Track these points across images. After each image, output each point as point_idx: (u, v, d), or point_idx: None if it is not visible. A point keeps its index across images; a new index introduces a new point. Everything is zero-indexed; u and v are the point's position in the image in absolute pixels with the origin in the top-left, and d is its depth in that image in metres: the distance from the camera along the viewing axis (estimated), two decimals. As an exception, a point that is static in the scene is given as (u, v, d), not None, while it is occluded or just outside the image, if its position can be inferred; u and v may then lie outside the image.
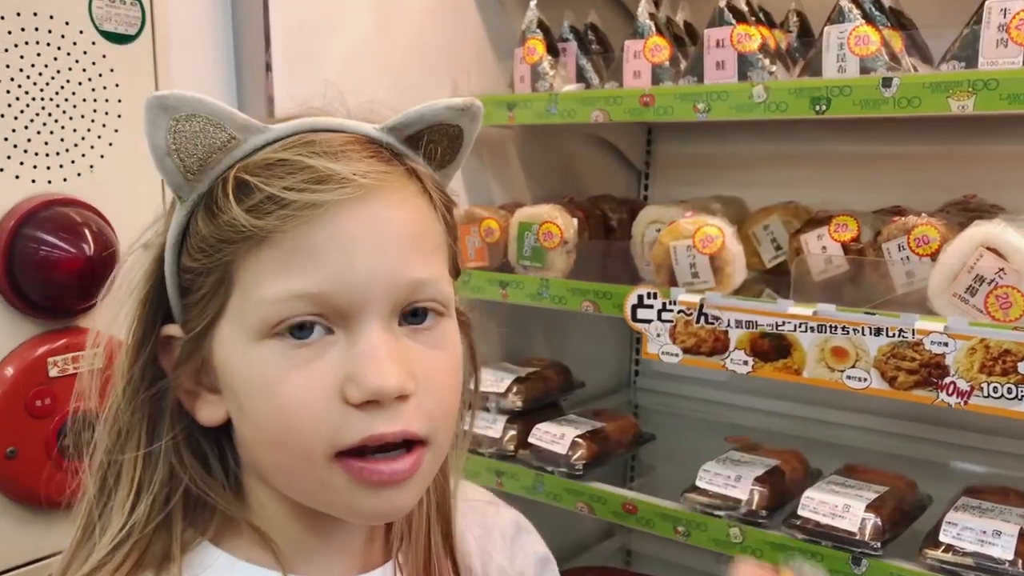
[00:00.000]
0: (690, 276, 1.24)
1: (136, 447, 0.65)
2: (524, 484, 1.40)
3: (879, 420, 1.58)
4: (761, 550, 1.18)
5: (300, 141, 0.62)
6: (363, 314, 0.60)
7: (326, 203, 0.59)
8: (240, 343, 0.61)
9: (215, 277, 0.62)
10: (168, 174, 0.61)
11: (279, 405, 0.60)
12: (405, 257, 0.61)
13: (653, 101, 1.25)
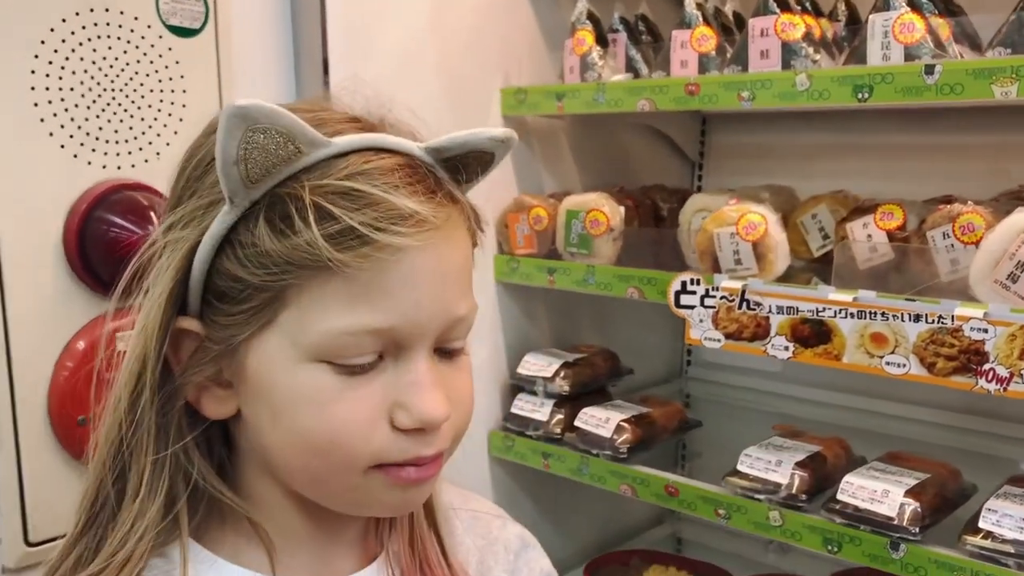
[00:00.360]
0: (733, 263, 1.26)
1: (147, 452, 0.66)
2: (569, 466, 1.43)
3: (932, 412, 1.56)
4: (800, 533, 1.19)
5: (363, 162, 0.62)
6: (416, 345, 0.63)
7: (407, 246, 0.60)
8: (289, 359, 0.63)
9: (269, 293, 0.62)
10: (229, 181, 0.61)
11: (329, 423, 0.62)
12: (457, 296, 0.65)
13: (698, 90, 1.27)
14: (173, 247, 0.65)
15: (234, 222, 0.63)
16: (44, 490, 1.08)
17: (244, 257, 0.62)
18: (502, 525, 0.84)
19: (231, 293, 0.63)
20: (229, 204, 0.62)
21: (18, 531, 1.07)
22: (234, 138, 0.59)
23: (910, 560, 1.10)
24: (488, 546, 0.81)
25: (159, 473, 0.66)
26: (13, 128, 1.01)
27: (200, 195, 0.65)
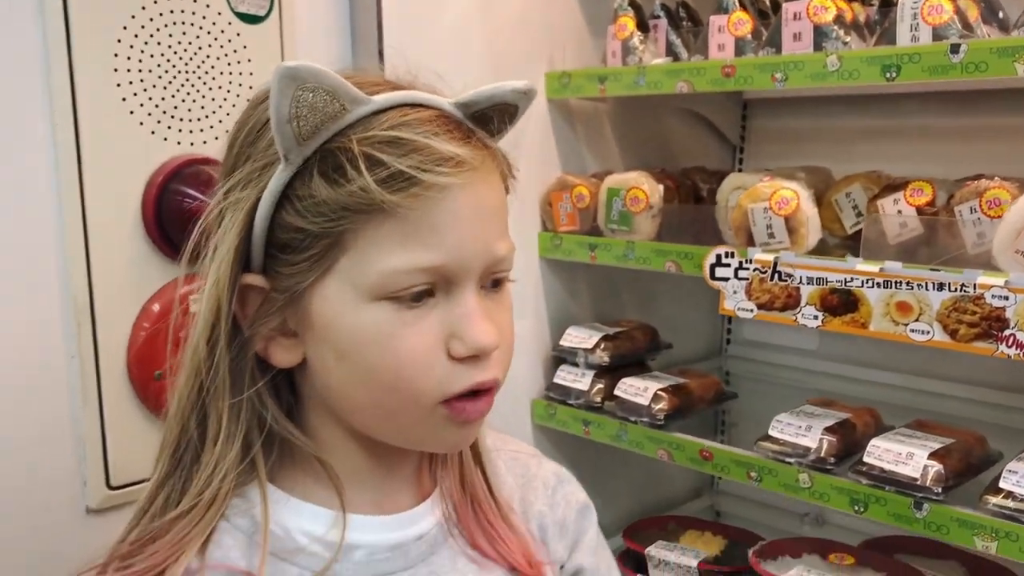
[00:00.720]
0: (766, 237, 1.31)
1: (229, 394, 0.72)
2: (609, 432, 1.50)
3: (964, 387, 1.60)
4: (828, 495, 1.25)
5: (402, 116, 0.69)
6: (464, 281, 0.70)
7: (449, 185, 0.67)
8: (350, 301, 0.69)
9: (330, 240, 0.68)
10: (284, 139, 0.67)
11: (394, 358, 0.69)
12: (495, 235, 0.72)
13: (734, 72, 1.33)
14: (234, 208, 0.71)
15: (290, 178, 0.69)
16: (123, 439, 1.17)
17: (303, 208, 0.68)
18: (539, 463, 0.91)
19: (293, 243, 0.69)
20: (284, 162, 0.68)
21: (100, 475, 1.16)
22: (286, 97, 0.65)
23: (933, 519, 1.15)
24: (528, 483, 0.88)
25: (236, 417, 0.73)
26: (99, 107, 1.11)
27: (254, 159, 0.71)
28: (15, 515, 1.11)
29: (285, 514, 0.75)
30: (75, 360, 1.13)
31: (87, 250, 1.13)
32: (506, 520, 0.83)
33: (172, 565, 0.70)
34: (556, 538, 0.88)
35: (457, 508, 0.82)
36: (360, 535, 0.75)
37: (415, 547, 0.78)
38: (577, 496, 0.92)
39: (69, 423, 1.14)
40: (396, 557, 0.76)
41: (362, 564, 0.75)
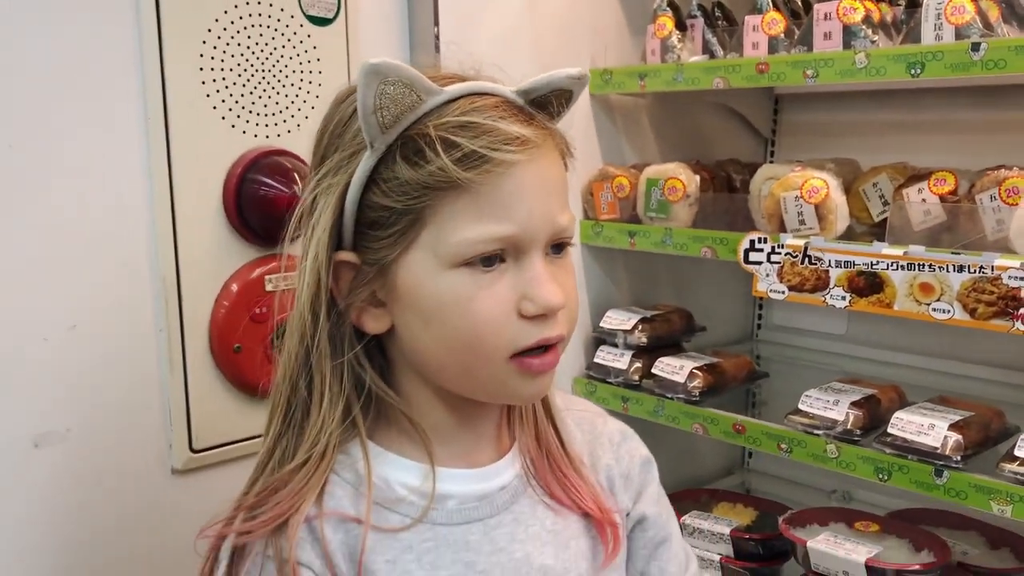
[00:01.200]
0: (797, 223, 1.40)
1: (330, 356, 0.80)
2: (647, 409, 1.60)
3: (987, 369, 1.67)
4: (854, 464, 1.33)
5: (471, 104, 0.77)
6: (532, 249, 0.78)
7: (517, 161, 0.76)
8: (431, 269, 0.77)
9: (412, 216, 0.76)
10: (369, 128, 0.75)
11: (472, 318, 0.77)
12: (557, 205, 0.80)
13: (768, 68, 1.42)
14: (327, 192, 0.79)
15: (375, 163, 0.77)
16: (205, 405, 1.29)
17: (388, 189, 0.77)
18: (604, 422, 1.01)
19: (380, 221, 0.78)
20: (370, 149, 0.77)
21: (184, 439, 1.28)
22: (371, 90, 0.74)
23: (952, 485, 1.23)
24: (595, 439, 0.97)
25: (338, 379, 0.81)
26: (186, 103, 1.22)
27: (342, 149, 0.80)
28: (108, 474, 1.23)
29: (384, 468, 0.83)
30: (163, 333, 1.24)
31: (175, 234, 1.24)
32: (578, 472, 0.92)
33: (294, 514, 0.78)
34: (622, 489, 0.97)
35: (534, 462, 0.91)
36: (451, 486, 0.84)
37: (499, 496, 0.86)
38: (640, 451, 1.01)
39: (157, 391, 1.26)
40: (483, 506, 0.85)
41: (454, 511, 0.84)
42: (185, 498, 1.30)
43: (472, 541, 0.84)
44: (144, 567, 1.27)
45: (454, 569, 0.82)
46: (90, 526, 1.21)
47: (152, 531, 1.28)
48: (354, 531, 0.80)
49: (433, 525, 0.83)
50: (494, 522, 0.86)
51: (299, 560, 0.78)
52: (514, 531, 0.87)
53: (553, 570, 0.87)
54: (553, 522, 0.89)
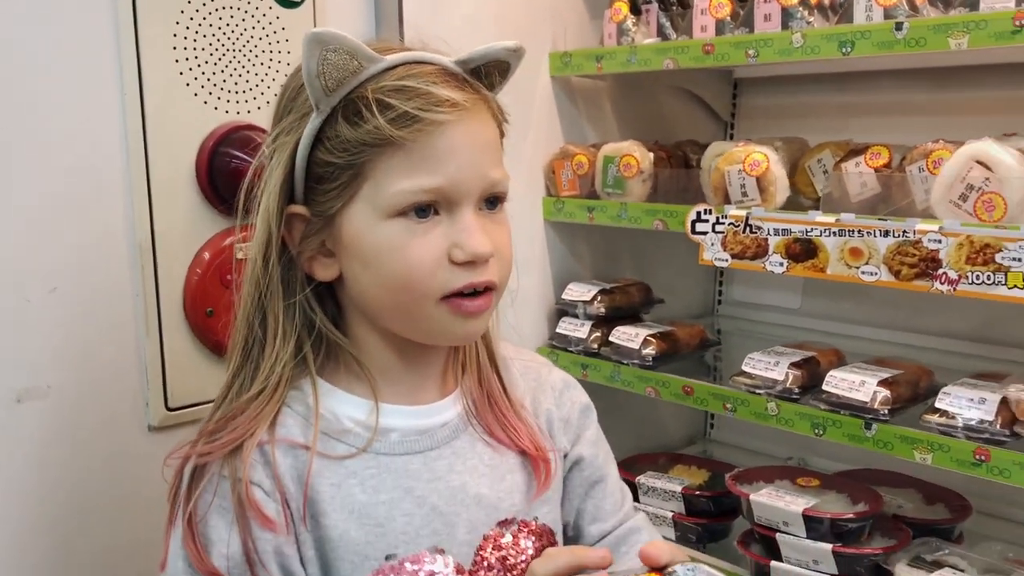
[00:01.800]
0: (740, 195, 1.48)
1: (280, 298, 0.90)
2: (604, 374, 1.68)
3: (940, 340, 1.75)
4: (792, 420, 1.42)
5: (410, 72, 0.86)
6: (463, 202, 0.87)
7: (444, 122, 0.84)
8: (371, 220, 0.86)
9: (353, 171, 0.86)
10: (314, 91, 0.84)
11: (406, 262, 0.86)
12: (488, 162, 0.90)
13: (713, 49, 1.50)
14: (280, 150, 0.89)
15: (321, 124, 0.86)
16: (180, 366, 1.36)
17: (332, 147, 0.86)
18: (549, 371, 1.09)
19: (325, 176, 0.87)
20: (316, 110, 0.86)
21: (160, 398, 1.35)
22: (313, 56, 0.83)
23: (880, 437, 1.32)
24: (539, 387, 1.06)
25: (290, 318, 0.91)
26: (161, 79, 1.29)
27: (295, 112, 0.89)
28: (87, 430, 1.30)
29: (333, 402, 0.92)
30: (139, 297, 1.32)
31: (150, 204, 1.31)
32: (517, 414, 1.01)
33: (248, 438, 0.87)
34: (561, 432, 1.06)
35: (476, 403, 1.00)
36: (394, 420, 0.93)
37: (440, 432, 0.95)
38: (581, 398, 1.10)
39: (134, 352, 1.33)
40: (424, 439, 0.94)
41: (396, 443, 0.92)
42: (161, 453, 1.36)
43: (412, 470, 0.92)
44: (121, 518, 1.35)
45: (394, 494, 0.91)
46: (69, 479, 1.29)
47: (129, 484, 1.35)
48: (302, 457, 0.88)
49: (376, 455, 0.91)
50: (434, 455, 0.94)
51: (251, 479, 0.86)
52: (452, 463, 0.95)
53: (487, 499, 0.96)
54: (491, 457, 0.98)
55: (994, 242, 1.18)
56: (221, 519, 0.85)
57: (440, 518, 0.92)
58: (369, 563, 0.88)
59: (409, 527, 0.90)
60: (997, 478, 1.21)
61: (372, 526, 0.89)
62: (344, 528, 0.88)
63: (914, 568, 1.31)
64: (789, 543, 1.41)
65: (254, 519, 0.85)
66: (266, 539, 0.85)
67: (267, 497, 0.86)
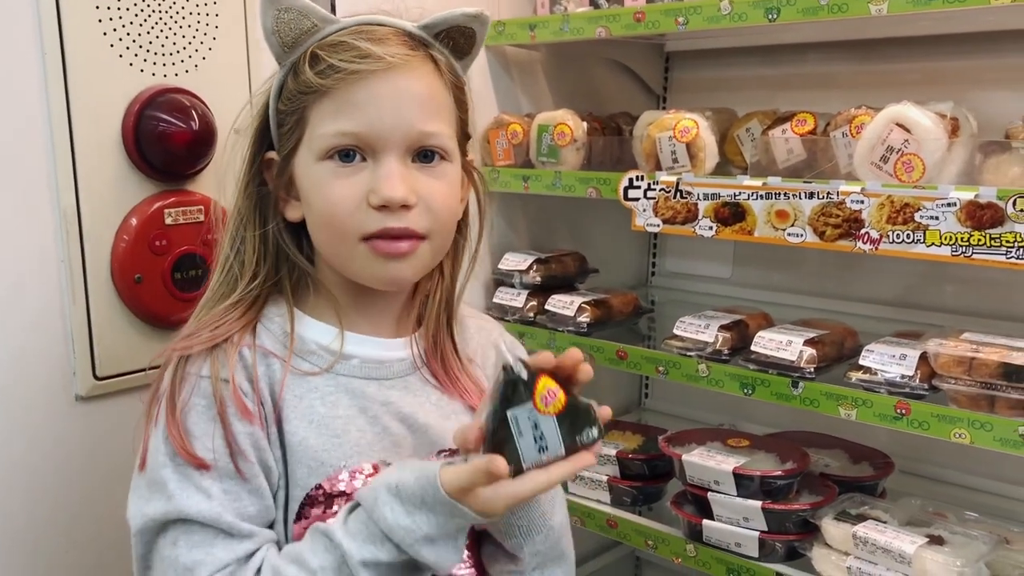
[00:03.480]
0: (671, 161, 1.51)
1: (255, 226, 0.99)
2: (540, 342, 1.69)
3: (867, 306, 1.80)
4: (722, 381, 1.45)
5: (357, 30, 0.94)
6: (386, 150, 0.93)
7: (364, 71, 0.91)
8: (308, 162, 0.95)
9: (296, 117, 0.95)
10: (272, 47, 0.95)
11: (328, 201, 0.93)
12: (416, 114, 0.94)
13: (644, 17, 1.51)
14: (257, 100, 1.00)
15: (283, 78, 0.96)
16: (108, 334, 1.34)
17: (284, 97, 0.96)
18: (500, 334, 1.15)
19: (282, 122, 0.97)
20: (279, 65, 0.96)
21: (88, 367, 1.33)
22: (267, 15, 0.93)
23: (806, 395, 1.35)
24: (489, 345, 1.12)
25: (264, 244, 0.99)
26: (83, 40, 1.26)
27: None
28: (12, 400, 1.27)
29: (302, 326, 1.00)
30: (64, 264, 1.29)
31: (74, 168, 1.29)
32: (464, 368, 1.07)
33: (227, 341, 0.95)
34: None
35: (426, 354, 1.06)
36: (355, 348, 1.00)
37: (396, 365, 1.03)
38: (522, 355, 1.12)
39: (60, 320, 1.30)
40: (381, 368, 1.01)
41: (356, 367, 1.00)
42: (89, 424, 1.35)
43: (368, 392, 0.99)
44: (48, 489, 1.32)
45: (350, 411, 0.98)
46: (-5, 449, 1.26)
47: (58, 455, 1.33)
48: (275, 366, 0.96)
49: (337, 376, 0.99)
50: (388, 384, 1.01)
51: (224, 378, 0.93)
52: (403, 395, 1.01)
53: (434, 429, 1.01)
54: (439, 399, 1.04)
55: (913, 201, 1.22)
56: (202, 416, 0.91)
57: (389, 437, 0.99)
58: (324, 468, 0.94)
59: (362, 440, 0.97)
60: (917, 431, 1.25)
61: (329, 436, 0.95)
62: (304, 435, 0.94)
63: (839, 522, 1.35)
64: (720, 501, 1.44)
65: (235, 413, 0.91)
66: (245, 432, 0.92)
67: (244, 395, 0.93)
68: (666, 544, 1.54)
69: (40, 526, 1.31)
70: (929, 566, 1.24)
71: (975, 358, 1.23)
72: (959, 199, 1.18)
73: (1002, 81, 1.64)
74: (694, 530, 1.50)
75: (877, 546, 1.28)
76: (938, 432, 1.23)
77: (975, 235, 1.17)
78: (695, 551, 1.50)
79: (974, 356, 1.23)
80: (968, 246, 1.18)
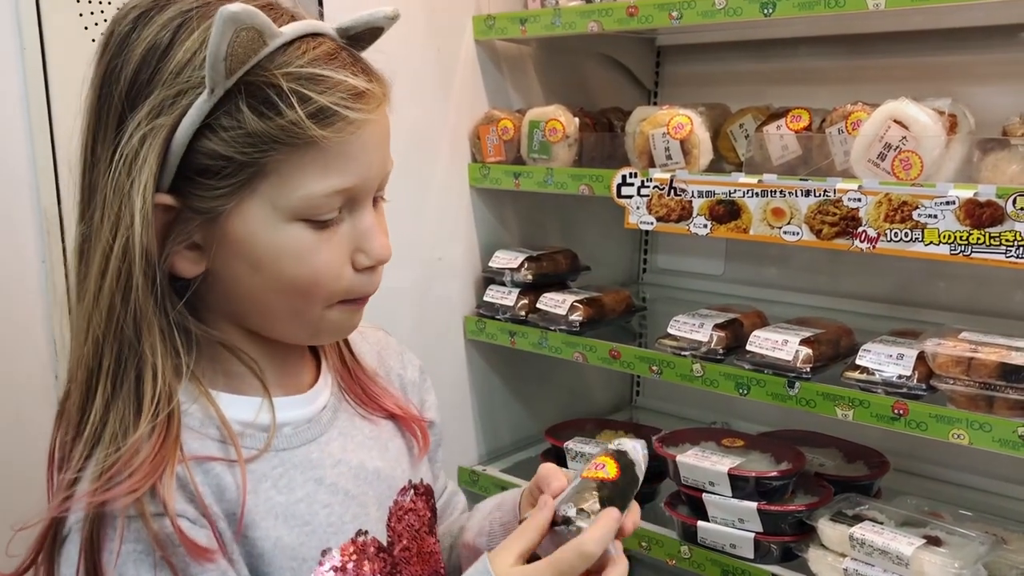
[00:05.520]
0: (665, 158, 1.49)
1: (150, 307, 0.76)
2: (531, 341, 1.67)
3: (860, 303, 1.79)
4: (717, 381, 1.43)
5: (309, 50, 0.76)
6: (364, 200, 0.82)
7: (367, 120, 0.77)
8: (269, 221, 0.77)
9: (253, 168, 0.75)
10: (216, 74, 0.72)
11: (312, 269, 0.79)
12: (387, 155, 0.85)
13: (637, 11, 1.49)
14: (153, 134, 0.74)
15: (211, 108, 0.74)
16: (91, 337, 1.31)
17: (229, 139, 0.74)
18: (384, 335, 1.08)
19: (214, 169, 0.75)
20: (209, 93, 0.73)
21: (71, 370, 1.30)
22: (226, 38, 0.72)
23: (803, 395, 1.34)
24: (383, 349, 1.06)
25: (163, 329, 0.78)
26: (64, 37, 1.24)
27: (165, 87, 0.74)
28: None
29: (221, 406, 0.83)
30: (45, 265, 1.26)
31: (55, 166, 1.26)
32: (374, 381, 1.00)
33: (161, 476, 0.75)
34: (412, 393, 1.06)
35: (342, 378, 0.96)
36: (283, 414, 0.87)
37: (324, 416, 0.91)
38: (416, 361, 1.09)
39: (42, 322, 1.27)
40: (313, 426, 0.89)
41: (292, 436, 0.87)
42: (73, 428, 1.32)
43: (314, 459, 0.88)
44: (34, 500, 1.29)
45: (307, 488, 0.86)
46: (-25, 454, 1.23)
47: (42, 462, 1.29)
48: (214, 471, 0.80)
49: (277, 452, 0.85)
50: (325, 439, 0.90)
51: (168, 513, 0.75)
52: (344, 443, 0.92)
53: (384, 471, 0.95)
54: (371, 430, 0.96)
55: (911, 199, 1.20)
56: (141, 565, 0.74)
57: (354, 501, 0.89)
58: (307, 565, 0.84)
59: (332, 517, 0.87)
60: (915, 431, 1.24)
61: (299, 526, 0.84)
62: (277, 535, 0.82)
63: (836, 523, 1.34)
64: (715, 502, 1.43)
65: (187, 555, 0.75)
66: (208, 574, 0.77)
67: (194, 525, 0.77)
68: (660, 545, 1.53)
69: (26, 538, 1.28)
70: (927, 568, 1.23)
71: (974, 358, 1.21)
72: (958, 197, 1.16)
73: (994, 76, 1.63)
74: (688, 531, 1.48)
75: (874, 547, 1.27)
76: (936, 433, 1.22)
77: (974, 234, 1.16)
78: (690, 552, 1.48)
79: (973, 356, 1.21)
80: (967, 245, 1.17)
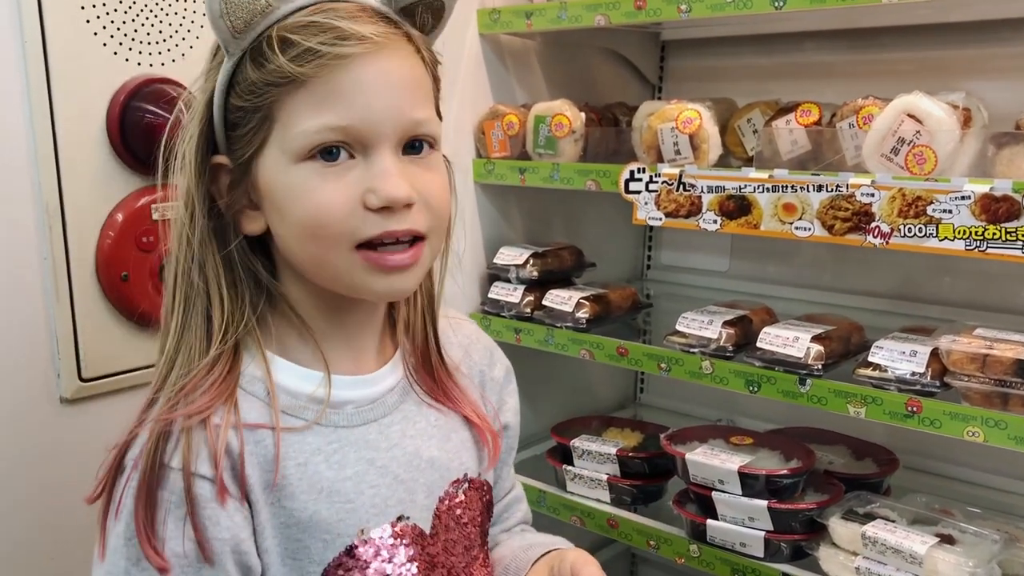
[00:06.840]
0: (673, 153, 1.47)
1: (215, 251, 0.85)
2: (537, 338, 1.65)
3: (868, 300, 1.77)
4: (727, 378, 1.41)
5: (322, 8, 0.80)
6: (378, 144, 0.81)
7: (351, 55, 0.78)
8: (282, 165, 0.81)
9: (261, 114, 0.81)
10: (220, 33, 0.80)
11: (314, 208, 0.80)
12: (408, 101, 0.83)
13: (645, 5, 1.47)
14: (197, 100, 0.85)
15: (233, 68, 0.81)
16: (93, 334, 1.29)
17: (241, 91, 0.81)
18: (476, 329, 1.10)
19: (238, 122, 0.82)
20: (227, 54, 0.81)
21: (73, 368, 1.28)
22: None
23: (814, 392, 1.32)
24: (471, 344, 1.07)
25: (230, 268, 0.85)
26: (66, 29, 1.21)
27: (213, 59, 0.85)
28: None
29: (282, 377, 0.87)
30: (47, 261, 1.24)
31: (57, 161, 1.24)
32: (454, 379, 1.00)
33: (214, 412, 0.82)
34: (492, 391, 1.06)
35: (415, 369, 0.97)
36: (345, 392, 0.89)
37: (389, 398, 0.93)
38: (505, 361, 1.10)
39: (43, 319, 1.26)
40: (377, 407, 0.92)
41: (353, 414, 0.90)
42: (75, 428, 1.30)
43: (371, 440, 0.90)
44: (32, 494, 1.27)
45: (358, 467, 0.88)
46: (-23, 454, 1.21)
47: (42, 461, 1.28)
48: (265, 440, 0.84)
49: (336, 428, 0.88)
50: (387, 421, 0.92)
51: (206, 473, 0.80)
52: (404, 428, 0.93)
53: (439, 460, 0.95)
54: (436, 418, 0.97)
55: (925, 194, 1.19)
56: (172, 514, 0.79)
57: (402, 486, 0.91)
58: (341, 540, 0.86)
59: (377, 499, 0.89)
60: (928, 429, 1.22)
61: (342, 503, 0.86)
62: (314, 509, 0.85)
63: (848, 521, 1.32)
64: (725, 501, 1.41)
65: (210, 516, 0.80)
66: (222, 538, 0.80)
67: (224, 491, 0.81)
68: (669, 544, 1.51)
69: (24, 533, 1.27)
70: (941, 567, 1.22)
71: (989, 355, 1.20)
72: (973, 192, 1.15)
73: (1003, 71, 1.62)
74: (697, 530, 1.46)
75: (887, 546, 1.25)
76: (951, 431, 1.21)
77: (990, 229, 1.14)
78: (699, 551, 1.47)
79: (988, 353, 1.20)
80: (983, 240, 1.15)
